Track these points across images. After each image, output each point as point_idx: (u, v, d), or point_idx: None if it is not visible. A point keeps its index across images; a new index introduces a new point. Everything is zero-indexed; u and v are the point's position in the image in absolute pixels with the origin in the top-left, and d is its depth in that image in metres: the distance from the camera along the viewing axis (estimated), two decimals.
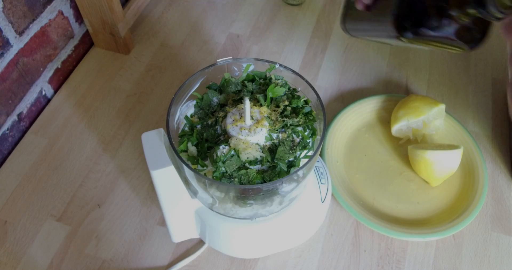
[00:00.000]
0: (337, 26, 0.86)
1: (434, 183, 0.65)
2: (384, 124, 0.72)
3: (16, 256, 0.59)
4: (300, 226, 0.58)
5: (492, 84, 0.78)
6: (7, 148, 0.69)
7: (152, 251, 0.60)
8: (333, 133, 0.69)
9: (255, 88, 0.51)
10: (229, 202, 0.49)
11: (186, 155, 0.47)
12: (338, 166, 0.67)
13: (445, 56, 0.82)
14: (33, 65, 0.70)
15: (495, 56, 0.83)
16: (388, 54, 0.82)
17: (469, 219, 0.61)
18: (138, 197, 0.65)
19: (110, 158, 0.68)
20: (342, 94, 0.77)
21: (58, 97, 0.75)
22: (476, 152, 0.67)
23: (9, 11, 0.62)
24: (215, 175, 0.44)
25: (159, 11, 0.88)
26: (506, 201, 0.65)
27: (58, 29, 0.74)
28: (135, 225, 0.62)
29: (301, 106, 0.49)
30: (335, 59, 0.81)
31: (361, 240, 0.61)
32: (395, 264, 0.60)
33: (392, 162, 0.68)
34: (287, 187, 0.48)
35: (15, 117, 0.70)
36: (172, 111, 0.48)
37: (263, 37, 0.84)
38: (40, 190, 0.65)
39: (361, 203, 0.63)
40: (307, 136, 0.48)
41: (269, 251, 0.59)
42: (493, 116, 0.74)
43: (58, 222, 0.62)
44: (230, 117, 0.47)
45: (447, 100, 0.76)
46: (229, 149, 0.45)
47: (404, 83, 0.78)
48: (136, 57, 0.81)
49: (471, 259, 0.60)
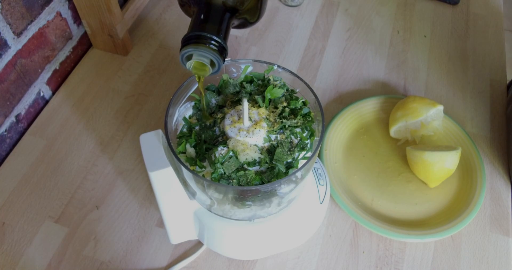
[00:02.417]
0: (336, 27, 0.86)
1: (433, 184, 0.65)
2: (382, 125, 0.72)
3: (14, 258, 0.59)
4: (299, 227, 0.58)
5: (490, 85, 0.79)
6: (5, 150, 0.69)
7: (151, 252, 0.60)
8: (332, 134, 0.69)
9: (254, 89, 0.51)
10: (228, 204, 0.49)
11: (184, 157, 0.47)
12: (337, 167, 0.67)
13: (443, 57, 0.83)
14: (31, 66, 0.70)
15: (493, 57, 0.83)
16: (386, 55, 0.82)
17: (468, 220, 0.61)
18: (137, 199, 0.64)
19: (108, 160, 0.68)
20: (340, 95, 0.77)
21: (56, 99, 0.75)
22: (474, 153, 0.67)
23: (7, 12, 0.62)
24: (214, 176, 0.44)
25: (158, 12, 0.88)
26: (504, 202, 0.65)
27: (56, 30, 0.74)
28: (134, 226, 0.62)
29: (299, 107, 0.49)
30: (334, 61, 0.82)
31: (360, 241, 0.61)
32: (394, 265, 0.60)
33: (391, 163, 0.68)
34: (285, 188, 0.48)
35: (13, 118, 0.69)
36: (171, 112, 0.48)
37: (261, 38, 0.84)
38: (38, 192, 0.65)
39: (359, 204, 0.63)
40: (305, 137, 0.48)
41: (267, 253, 0.59)
42: (491, 117, 0.74)
43: (56, 223, 0.62)
44: (228, 119, 0.47)
45: (445, 101, 0.76)
46: (227, 150, 0.45)
47: (402, 84, 0.79)
48: (135, 59, 0.81)
49: (469, 260, 0.60)
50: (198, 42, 0.42)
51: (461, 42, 0.85)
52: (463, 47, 0.84)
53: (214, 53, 0.42)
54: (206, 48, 0.42)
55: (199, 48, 0.42)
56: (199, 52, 0.42)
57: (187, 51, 0.42)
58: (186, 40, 0.42)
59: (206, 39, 0.42)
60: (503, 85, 0.79)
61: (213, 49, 0.42)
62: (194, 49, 0.42)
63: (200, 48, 0.42)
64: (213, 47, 0.42)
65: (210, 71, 0.44)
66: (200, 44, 0.42)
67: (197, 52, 0.42)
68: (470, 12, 0.90)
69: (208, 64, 0.43)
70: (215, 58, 0.42)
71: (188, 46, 0.42)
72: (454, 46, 0.84)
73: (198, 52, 0.42)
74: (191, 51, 0.42)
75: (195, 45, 0.42)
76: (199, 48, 0.42)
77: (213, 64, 0.43)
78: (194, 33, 0.42)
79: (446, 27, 0.87)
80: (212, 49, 0.42)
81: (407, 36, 0.86)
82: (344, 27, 0.87)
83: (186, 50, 0.42)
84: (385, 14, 0.89)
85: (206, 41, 0.42)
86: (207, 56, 0.42)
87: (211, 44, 0.42)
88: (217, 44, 0.42)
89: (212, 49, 0.42)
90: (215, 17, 0.44)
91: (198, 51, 0.42)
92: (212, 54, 0.42)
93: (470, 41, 0.85)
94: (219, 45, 0.42)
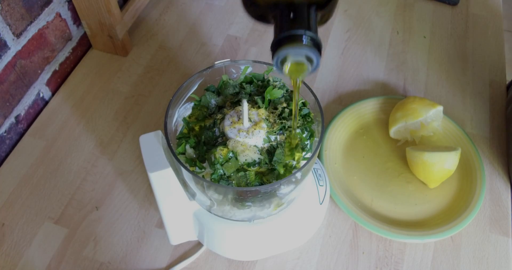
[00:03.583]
0: (335, 28, 0.87)
1: (432, 184, 0.65)
2: (382, 126, 0.72)
3: (14, 259, 0.59)
4: (298, 228, 0.58)
5: (490, 86, 0.79)
6: (4, 151, 0.69)
7: (150, 253, 0.60)
8: (331, 135, 0.69)
9: (253, 90, 0.51)
10: (227, 204, 0.49)
11: (184, 157, 0.47)
12: (336, 168, 0.67)
13: (443, 57, 0.83)
14: (30, 67, 0.70)
15: (493, 58, 0.83)
16: (386, 56, 0.82)
17: (467, 220, 0.61)
18: (136, 200, 0.64)
19: (108, 160, 0.68)
20: (340, 96, 0.77)
21: (56, 99, 0.75)
22: (473, 154, 0.67)
23: (6, 13, 0.62)
24: (213, 177, 0.44)
25: (157, 13, 0.88)
26: (504, 202, 0.65)
27: (56, 31, 0.74)
28: (133, 227, 0.62)
29: (299, 108, 0.49)
30: (333, 61, 0.82)
31: (360, 242, 0.61)
32: (394, 266, 0.60)
33: (390, 164, 0.68)
34: (285, 189, 0.48)
35: (12, 119, 0.69)
36: (170, 113, 0.48)
37: (261, 39, 0.84)
38: (37, 193, 0.65)
39: (359, 204, 0.63)
40: (305, 138, 0.48)
41: (267, 253, 0.58)
42: (491, 118, 0.74)
43: (55, 224, 0.62)
44: (228, 119, 0.47)
45: (445, 101, 0.76)
46: (227, 151, 0.45)
47: (402, 85, 0.79)
48: (134, 59, 0.81)
49: (469, 261, 0.60)
50: (292, 41, 0.39)
51: (460, 42, 0.85)
52: (462, 47, 0.84)
53: (312, 49, 0.39)
54: (303, 45, 0.39)
55: (295, 47, 0.39)
56: (296, 51, 0.40)
57: (282, 53, 0.40)
58: (278, 43, 0.40)
59: (299, 36, 0.39)
60: (502, 85, 0.79)
61: (309, 45, 0.39)
62: (290, 49, 0.39)
63: (295, 46, 0.39)
64: (308, 43, 0.39)
65: (309, 70, 0.42)
66: (294, 43, 0.39)
67: (294, 51, 0.40)
68: (470, 13, 0.90)
69: (306, 62, 0.41)
70: (313, 54, 0.40)
71: (282, 47, 0.39)
72: (454, 47, 0.84)
73: (294, 51, 0.40)
74: (287, 53, 0.40)
75: (290, 45, 0.39)
76: (295, 46, 0.39)
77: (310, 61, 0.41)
78: (285, 34, 0.40)
79: (445, 28, 0.87)
80: (308, 45, 0.39)
81: (406, 36, 0.86)
82: (343, 28, 0.87)
83: (281, 52, 0.40)
84: (385, 14, 0.89)
85: (300, 38, 0.39)
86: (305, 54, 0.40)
87: (305, 40, 0.39)
88: (311, 39, 0.40)
89: (308, 45, 0.39)
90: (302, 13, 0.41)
91: (295, 50, 0.39)
92: (310, 50, 0.39)
93: (470, 42, 0.85)
94: (314, 39, 0.40)
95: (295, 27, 0.40)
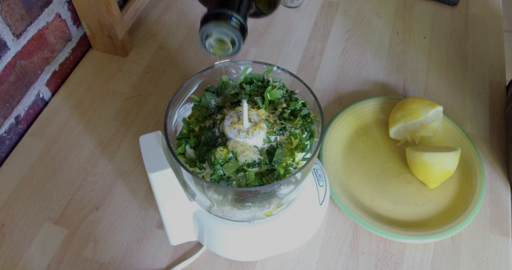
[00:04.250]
0: (335, 28, 0.87)
1: (432, 185, 0.65)
2: (382, 126, 0.72)
3: (14, 259, 0.59)
4: (298, 228, 0.58)
5: (490, 86, 0.79)
6: (4, 151, 0.69)
7: (150, 254, 0.60)
8: (331, 135, 0.69)
9: (253, 90, 0.51)
10: (227, 205, 0.49)
11: (184, 158, 0.47)
12: (336, 168, 0.67)
13: (442, 58, 0.83)
14: (30, 67, 0.70)
15: (493, 58, 0.83)
16: (385, 56, 0.83)
17: (467, 221, 0.61)
18: (136, 200, 0.64)
19: (108, 161, 0.68)
20: (340, 96, 0.77)
21: (55, 100, 0.75)
22: (473, 154, 0.67)
23: (6, 13, 0.62)
24: (213, 177, 0.44)
25: (157, 13, 0.88)
26: (504, 202, 0.65)
27: (56, 31, 0.74)
28: (133, 228, 0.62)
29: (299, 108, 0.49)
30: (333, 62, 0.82)
31: (360, 242, 0.61)
32: (394, 266, 0.60)
33: (390, 164, 0.68)
34: (285, 189, 0.48)
35: (12, 119, 0.69)
36: (170, 113, 0.48)
37: (261, 39, 0.84)
38: (37, 193, 0.65)
39: (359, 205, 0.63)
40: (305, 138, 0.48)
41: (267, 254, 0.58)
42: (491, 118, 0.74)
43: (55, 225, 0.62)
44: (228, 120, 0.47)
45: (445, 102, 0.76)
46: (227, 151, 0.45)
47: (402, 85, 0.79)
48: (134, 60, 0.81)
49: (469, 261, 0.60)
50: (218, 18, 0.41)
51: (460, 43, 0.85)
52: (462, 48, 0.84)
53: (234, 30, 0.42)
54: (227, 24, 0.41)
55: (220, 24, 0.41)
56: (220, 29, 0.42)
57: (207, 28, 0.42)
58: (206, 18, 0.42)
59: (226, 15, 0.41)
60: (502, 86, 0.79)
61: (234, 26, 0.42)
62: (214, 26, 0.41)
63: (220, 24, 0.41)
64: (234, 24, 0.42)
65: (230, 50, 0.44)
66: (220, 20, 0.41)
67: (218, 28, 0.42)
68: (469, 13, 0.90)
69: (228, 41, 0.42)
70: (236, 35, 0.42)
71: (208, 22, 0.42)
72: (454, 47, 0.84)
73: (218, 28, 0.42)
74: (211, 28, 0.42)
75: (216, 22, 0.41)
76: (219, 24, 0.41)
77: (233, 44, 0.43)
78: (214, 10, 0.42)
79: (445, 28, 0.87)
80: (233, 26, 0.42)
81: (406, 37, 0.86)
82: (343, 28, 0.87)
83: (207, 26, 0.42)
84: (384, 15, 0.89)
85: (227, 17, 0.41)
86: (228, 33, 0.42)
87: (232, 21, 0.41)
88: (238, 22, 0.42)
89: (233, 26, 0.41)
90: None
91: (219, 27, 0.42)
92: (233, 30, 0.41)
93: (470, 42, 0.85)
94: (240, 23, 0.42)
95: (225, 7, 0.42)
